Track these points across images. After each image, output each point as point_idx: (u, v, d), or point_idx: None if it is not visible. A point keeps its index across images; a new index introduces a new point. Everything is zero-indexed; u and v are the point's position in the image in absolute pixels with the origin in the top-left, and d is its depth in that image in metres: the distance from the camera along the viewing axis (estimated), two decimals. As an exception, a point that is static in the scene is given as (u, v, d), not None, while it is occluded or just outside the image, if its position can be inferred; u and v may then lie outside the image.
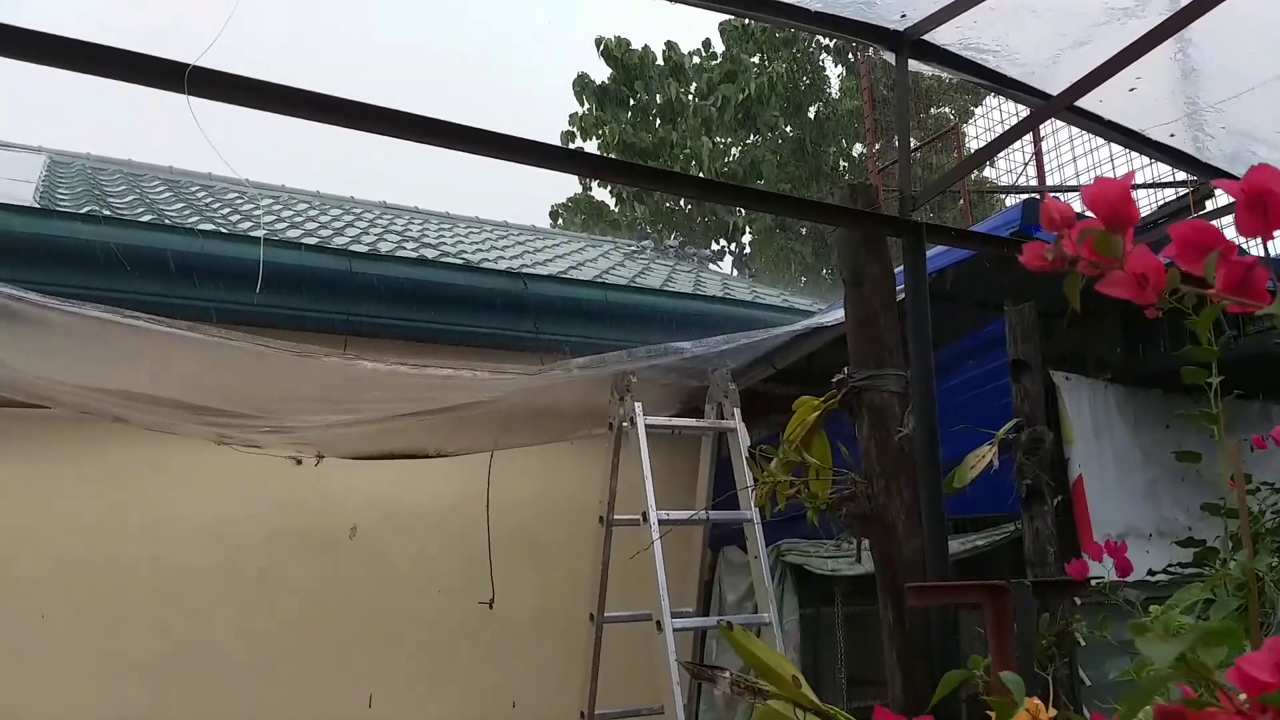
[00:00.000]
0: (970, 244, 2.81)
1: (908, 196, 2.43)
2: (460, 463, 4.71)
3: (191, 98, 1.56)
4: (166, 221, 5.03)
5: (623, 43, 16.72)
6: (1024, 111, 7.56)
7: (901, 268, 2.48)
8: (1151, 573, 3.32)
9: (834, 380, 2.48)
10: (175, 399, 3.68)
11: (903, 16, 2.41)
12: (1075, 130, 6.37)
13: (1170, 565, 3.06)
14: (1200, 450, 4.13)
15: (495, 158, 1.89)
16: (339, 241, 5.73)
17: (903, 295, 2.48)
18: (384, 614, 4.89)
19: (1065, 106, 2.45)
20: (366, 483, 4.79)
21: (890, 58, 2.56)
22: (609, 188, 17.31)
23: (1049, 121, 7.31)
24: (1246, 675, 0.74)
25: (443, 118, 1.80)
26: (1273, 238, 0.89)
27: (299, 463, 4.61)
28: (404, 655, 4.91)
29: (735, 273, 13.39)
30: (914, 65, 2.54)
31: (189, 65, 1.54)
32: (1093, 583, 2.33)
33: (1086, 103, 2.55)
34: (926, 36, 2.48)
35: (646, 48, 16.94)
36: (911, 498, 2.36)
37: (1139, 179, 5.69)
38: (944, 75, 2.60)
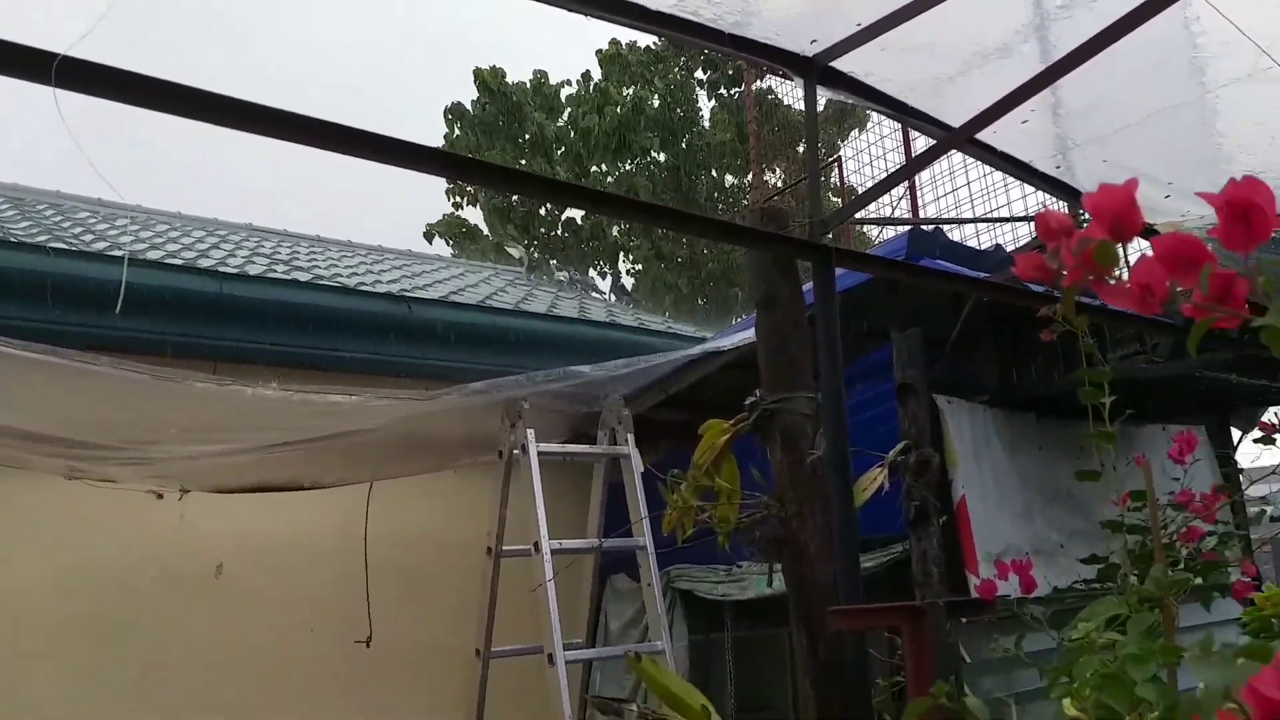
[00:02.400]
0: (877, 268, 2.85)
1: (818, 220, 2.43)
2: (337, 494, 4.50)
3: (59, 91, 1.39)
4: (13, 239, 4.62)
5: (499, 72, 16.58)
6: (889, 150, 7.89)
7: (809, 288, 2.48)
8: (1056, 590, 3.42)
9: (746, 403, 2.45)
10: (22, 428, 3.34)
11: (813, 42, 2.42)
12: (942, 166, 6.67)
13: (1075, 582, 3.16)
14: (1066, 470, 4.34)
15: (391, 164, 1.76)
16: (205, 264, 5.40)
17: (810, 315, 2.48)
18: (254, 656, 4.58)
19: (966, 139, 2.52)
20: (234, 518, 4.50)
21: (797, 84, 2.57)
22: (479, 208, 17.07)
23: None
24: (1260, 694, 0.72)
25: (331, 119, 1.66)
26: (1253, 249, 0.89)
27: (160, 497, 4.29)
28: (276, 700, 4.60)
29: (614, 299, 13.40)
30: (822, 92, 2.56)
31: (58, 55, 1.38)
32: (1000, 601, 2.37)
33: (983, 134, 2.63)
34: (835, 64, 2.50)
35: (541, 76, 16.84)
36: (824, 521, 2.35)
37: (1010, 211, 5.98)
38: (849, 102, 2.64)
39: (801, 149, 13.23)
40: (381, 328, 4.98)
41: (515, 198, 16.47)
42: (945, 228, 5.09)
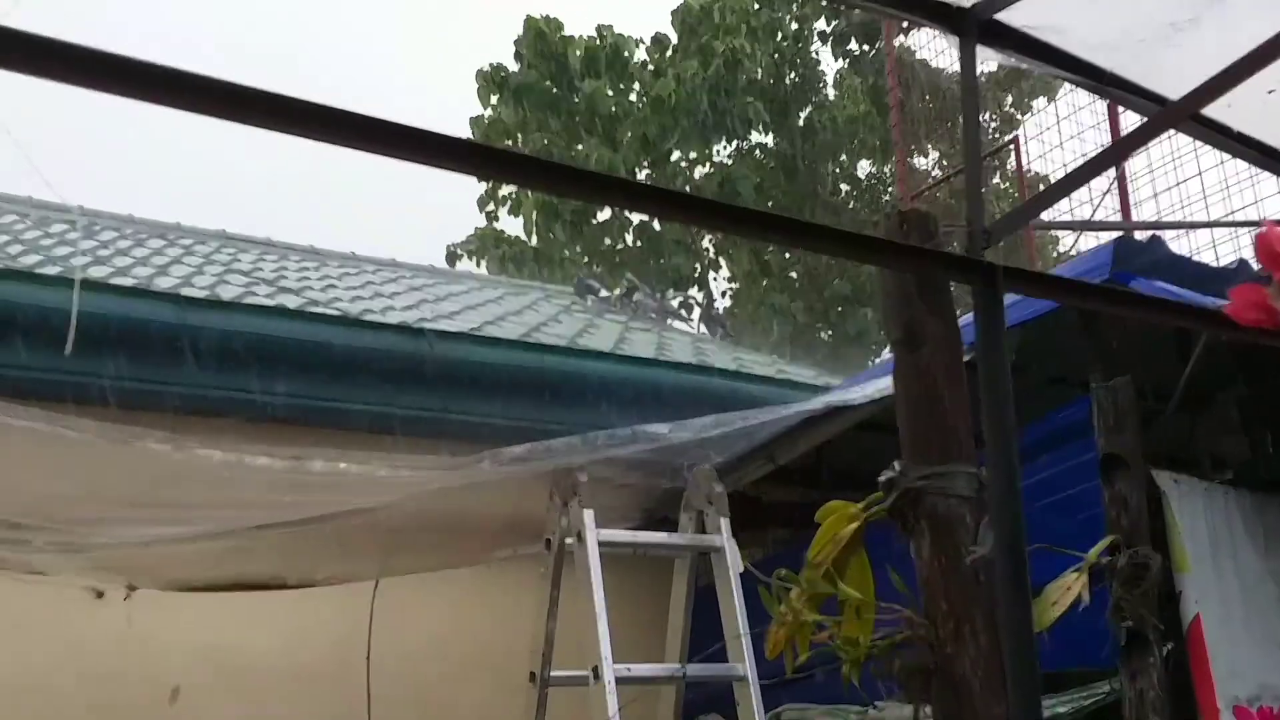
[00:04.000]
0: (1066, 294, 2.83)
1: (979, 228, 2.44)
2: (332, 596, 4.58)
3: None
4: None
5: (555, 25, 16.81)
6: (1086, 127, 7.77)
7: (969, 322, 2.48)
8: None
9: (881, 480, 2.45)
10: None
11: (971, -12, 2.45)
12: (1162, 149, 6.55)
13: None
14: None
15: (405, 158, 1.83)
16: (165, 283, 5.61)
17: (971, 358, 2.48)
18: (218, 814, 4.68)
19: (1189, 115, 2.50)
20: (196, 625, 4.62)
21: (951, 45, 2.60)
22: (530, 219, 17.30)
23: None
24: None
25: (322, 101, 1.73)
26: None
27: (100, 596, 4.44)
28: None
29: (703, 331, 13.45)
30: (984, 54, 2.58)
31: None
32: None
33: (1212, 108, 2.61)
34: (1000, 15, 2.52)
35: (605, 32, 17.03)
36: (990, 645, 2.31)
37: (1260, 212, 5.85)
38: (1022, 67, 2.65)
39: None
40: (392, 370, 5.09)
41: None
42: (1167, 235, 5.02)
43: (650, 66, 17.11)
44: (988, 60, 2.71)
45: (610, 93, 17.10)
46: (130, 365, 4.59)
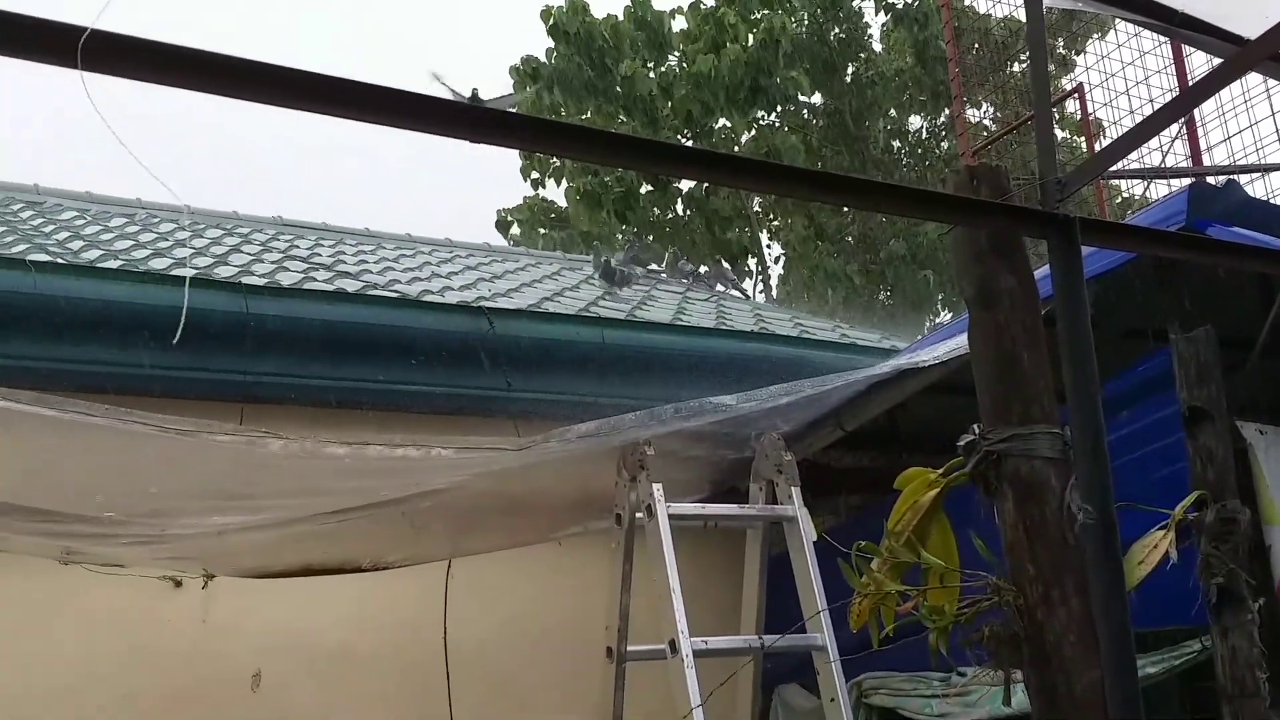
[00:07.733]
0: (1145, 244, 2.75)
1: (1053, 180, 2.37)
2: (405, 578, 4.61)
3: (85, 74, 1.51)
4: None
5: (578, 8, 16.63)
6: (1152, 72, 7.59)
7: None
8: None
9: (960, 444, 2.40)
10: (3, 501, 3.56)
11: (1037, -71, 2.37)
12: (1234, 88, 6.35)
13: None
14: None
15: (448, 134, 1.84)
16: (224, 272, 5.65)
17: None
18: (301, 797, 4.74)
19: (1269, 55, 2.41)
20: (274, 611, 4.67)
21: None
22: (577, 189, 17.24)
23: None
24: None
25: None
26: None
27: (178, 585, 4.48)
28: None
29: (761, 299, 13.37)
30: (1050, -1, 2.50)
31: (85, 29, 1.49)
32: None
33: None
34: (1068, -44, 2.45)
35: (641, 3, 16.89)
36: (1082, 610, 2.26)
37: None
38: (1089, 10, 2.57)
39: (1018, 68, 12.89)
40: (454, 351, 5.10)
41: (606, 176, 16.60)
42: (1242, 179, 4.88)
43: (691, 37, 16.89)
44: (1052, 3, 2.64)
45: (651, 65, 16.95)
46: (198, 356, 4.61)
